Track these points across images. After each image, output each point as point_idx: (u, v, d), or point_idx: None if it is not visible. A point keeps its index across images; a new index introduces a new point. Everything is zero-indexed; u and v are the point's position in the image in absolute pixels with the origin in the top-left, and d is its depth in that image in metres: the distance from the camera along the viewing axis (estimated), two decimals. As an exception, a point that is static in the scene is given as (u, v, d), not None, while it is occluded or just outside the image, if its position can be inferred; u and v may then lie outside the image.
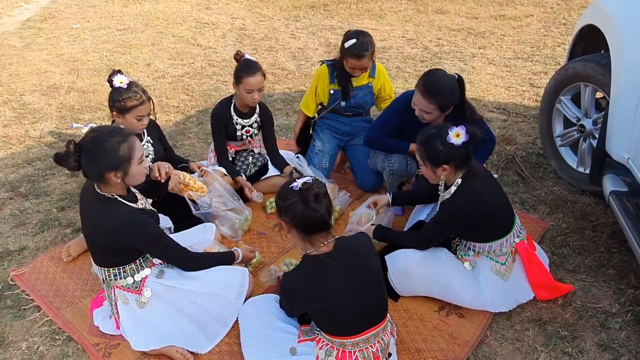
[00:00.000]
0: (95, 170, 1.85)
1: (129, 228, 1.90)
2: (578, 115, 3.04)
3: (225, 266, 2.22)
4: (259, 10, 8.36)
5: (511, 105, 4.47)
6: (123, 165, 1.86)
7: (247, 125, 3.07)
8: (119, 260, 2.01)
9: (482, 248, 2.20)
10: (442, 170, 2.08)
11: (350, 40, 2.80)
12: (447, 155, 2.03)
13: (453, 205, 2.10)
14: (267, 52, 6.38)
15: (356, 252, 1.78)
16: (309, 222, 1.70)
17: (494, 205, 2.12)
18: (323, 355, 1.81)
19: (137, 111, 2.44)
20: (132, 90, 2.42)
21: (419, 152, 2.14)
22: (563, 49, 5.94)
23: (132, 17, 7.90)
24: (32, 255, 2.72)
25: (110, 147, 1.82)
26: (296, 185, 1.71)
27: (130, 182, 1.95)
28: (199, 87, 5.30)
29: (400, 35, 6.85)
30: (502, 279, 2.18)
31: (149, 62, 6.04)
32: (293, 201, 1.70)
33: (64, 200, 3.23)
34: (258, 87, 2.84)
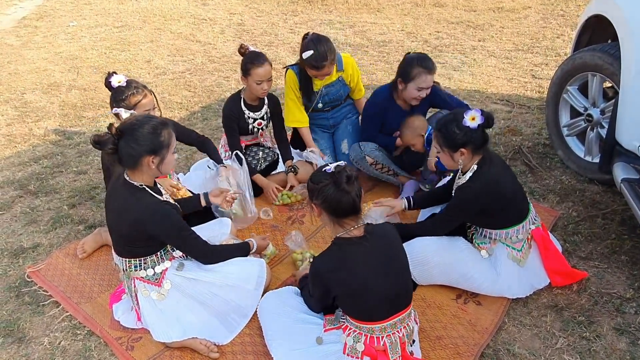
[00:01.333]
0: (134, 152, 1.87)
1: (154, 218, 1.93)
2: (585, 104, 3.07)
3: (242, 258, 2.24)
4: (257, 5, 8.33)
5: (514, 97, 4.50)
6: (161, 151, 1.91)
7: (259, 118, 3.08)
8: (141, 250, 2.03)
9: (499, 235, 2.22)
10: (460, 155, 2.12)
11: (308, 51, 2.75)
12: (464, 139, 2.07)
13: (469, 190, 2.13)
14: (267, 47, 6.38)
15: (385, 237, 1.83)
16: (340, 204, 1.73)
17: (509, 191, 2.15)
18: (351, 342, 1.83)
19: (142, 106, 2.43)
20: (133, 87, 2.42)
21: (437, 139, 2.18)
22: (562, 41, 5.97)
23: (129, 14, 7.86)
24: (46, 252, 2.72)
25: (153, 130, 1.88)
26: (329, 168, 1.76)
27: (163, 169, 1.98)
28: (201, 83, 5.29)
29: (399, 29, 6.86)
30: (518, 265, 2.21)
31: (149, 59, 6.02)
32: (325, 184, 1.74)
33: (74, 197, 3.23)
34: (267, 77, 2.85)
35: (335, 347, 1.86)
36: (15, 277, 2.55)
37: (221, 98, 4.89)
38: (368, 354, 1.79)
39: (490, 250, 2.25)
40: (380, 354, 1.79)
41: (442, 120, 2.14)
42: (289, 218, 2.88)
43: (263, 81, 2.84)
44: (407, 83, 2.84)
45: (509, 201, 2.15)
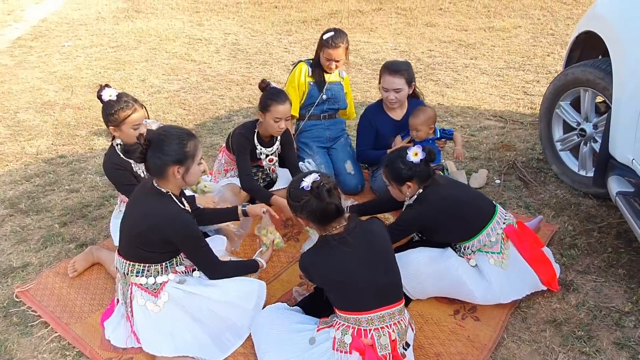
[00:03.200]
0: (160, 161, 1.94)
1: (174, 224, 1.97)
2: (578, 119, 3.09)
3: (244, 278, 2.24)
4: (251, 25, 8.42)
5: (507, 113, 4.53)
6: (187, 161, 1.97)
7: (271, 154, 3.02)
8: (150, 256, 2.04)
9: (473, 246, 2.26)
10: (407, 188, 2.23)
11: (328, 33, 3.11)
12: (409, 173, 2.20)
13: (412, 211, 2.26)
14: (262, 66, 6.42)
15: (369, 231, 1.91)
16: (326, 214, 1.84)
17: (459, 203, 2.23)
18: (340, 336, 1.85)
19: (132, 120, 2.39)
20: (123, 101, 2.40)
21: (385, 174, 2.29)
22: (553, 58, 6.06)
23: (124, 35, 7.91)
24: (36, 272, 2.67)
25: (179, 141, 1.95)
26: (306, 185, 1.82)
27: (188, 180, 2.02)
28: (196, 101, 5.30)
29: (392, 48, 6.93)
30: (502, 268, 2.21)
31: (144, 78, 6.04)
32: (307, 199, 1.82)
33: (66, 215, 3.19)
34: (286, 115, 2.78)
35: (326, 344, 1.87)
36: (4, 298, 2.49)
37: (215, 116, 4.90)
38: (356, 348, 1.81)
39: (473, 262, 2.26)
40: (368, 349, 1.80)
41: (388, 157, 2.29)
42: (284, 235, 2.84)
43: (281, 119, 2.78)
44: (379, 85, 3.10)
45: (464, 209, 2.22)
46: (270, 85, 2.83)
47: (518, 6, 8.65)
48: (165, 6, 9.74)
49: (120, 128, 2.41)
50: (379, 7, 9.11)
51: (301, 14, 8.91)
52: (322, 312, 2.03)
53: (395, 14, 8.72)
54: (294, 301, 2.29)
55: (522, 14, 8.30)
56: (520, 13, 8.33)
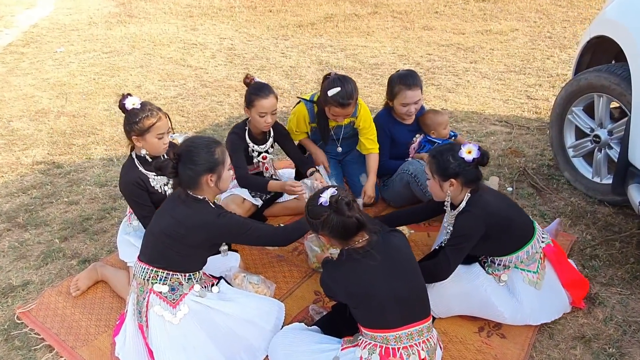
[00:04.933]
0: (193, 173, 1.96)
1: (218, 222, 1.99)
2: (591, 125, 3.04)
3: (263, 296, 2.20)
4: (247, 30, 8.33)
5: (512, 118, 4.48)
6: (217, 168, 2.00)
7: (264, 152, 2.97)
8: (179, 260, 2.01)
9: (510, 261, 2.16)
10: (449, 185, 2.08)
11: (334, 88, 2.66)
12: (457, 169, 2.05)
13: (470, 215, 2.07)
14: (260, 71, 6.33)
15: (392, 245, 1.84)
16: (347, 229, 1.78)
17: (509, 212, 2.13)
18: (366, 355, 1.77)
19: (157, 129, 2.32)
20: (147, 109, 2.32)
21: (429, 165, 2.15)
22: (553, 62, 6.03)
23: (117, 40, 7.77)
24: (37, 290, 2.55)
25: (207, 150, 1.98)
26: (325, 201, 1.76)
27: (222, 186, 2.04)
28: (194, 108, 5.19)
29: (391, 52, 6.88)
30: (535, 288, 2.12)
31: (139, 84, 5.91)
32: (326, 216, 1.76)
33: (66, 229, 3.07)
34: (271, 109, 2.74)
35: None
36: (4, 319, 2.37)
37: (215, 123, 4.80)
38: None
39: (505, 277, 2.16)
40: None
41: (439, 148, 2.16)
42: (295, 249, 2.76)
43: (267, 114, 2.74)
44: (393, 101, 2.95)
45: (510, 222, 2.11)
46: (255, 80, 2.78)
47: (514, 9, 8.64)
48: (158, 10, 9.61)
49: (144, 137, 2.32)
50: (374, 11, 9.05)
51: (297, 18, 8.83)
52: (342, 332, 1.94)
53: (391, 18, 8.67)
54: (310, 320, 2.20)
55: (518, 17, 8.28)
56: (516, 16, 8.32)
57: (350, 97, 2.68)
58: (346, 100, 2.67)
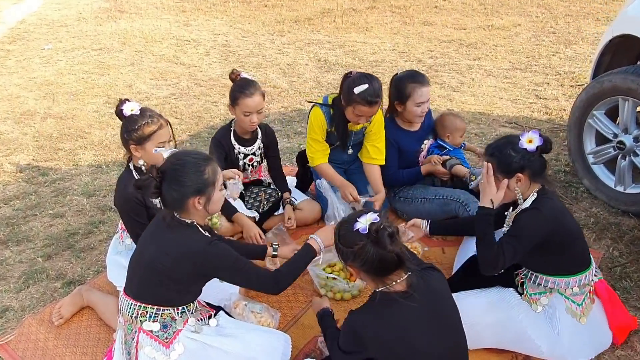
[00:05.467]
0: (178, 195, 1.72)
1: (207, 252, 1.74)
2: (615, 130, 2.84)
3: (267, 329, 1.98)
4: (241, 25, 8.07)
5: (522, 119, 4.28)
6: (207, 189, 1.75)
7: (250, 154, 2.77)
8: (169, 296, 1.77)
9: (557, 284, 1.95)
10: (517, 181, 1.89)
11: (361, 85, 2.45)
12: (521, 162, 1.86)
13: (536, 213, 1.86)
14: (256, 69, 6.09)
15: (433, 289, 1.59)
16: (385, 264, 1.52)
17: (576, 227, 1.94)
18: None
19: (158, 137, 2.12)
20: (147, 115, 2.13)
21: (489, 165, 1.92)
22: (559, 58, 5.84)
23: (107, 36, 7.50)
24: (17, 318, 2.33)
25: (195, 169, 1.73)
26: (363, 228, 1.48)
27: (212, 209, 1.80)
28: (187, 108, 4.96)
29: (391, 48, 6.65)
30: (578, 322, 1.93)
31: (130, 84, 5.67)
32: (362, 245, 1.49)
33: (50, 246, 2.84)
34: (257, 109, 2.56)
35: None
36: (-20, 351, 2.16)
37: (210, 125, 4.57)
38: None
39: (545, 300, 1.96)
40: None
41: (495, 144, 1.95)
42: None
43: (252, 113, 2.56)
44: (405, 103, 2.72)
45: (572, 239, 1.91)
46: (241, 76, 2.58)
47: (515, 3, 8.43)
48: (150, 5, 9.31)
49: (143, 146, 2.13)
50: (372, 5, 8.81)
51: (293, 13, 8.58)
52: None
53: (390, 12, 8.43)
54: (319, 354, 2.00)
55: (520, 11, 8.08)
56: (518, 10, 8.11)
57: (378, 94, 2.49)
58: (374, 97, 2.46)
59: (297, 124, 4.47)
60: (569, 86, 4.94)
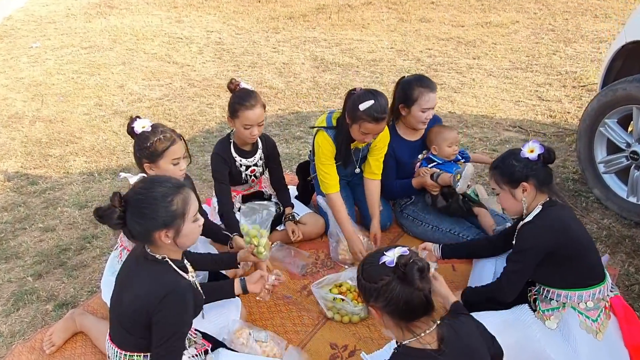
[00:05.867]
0: (142, 228, 1.55)
1: (163, 299, 1.52)
2: (628, 140, 2.75)
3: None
4: (235, 22, 7.90)
5: (526, 123, 4.18)
6: (175, 222, 1.56)
7: (252, 165, 2.66)
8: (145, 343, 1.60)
9: (570, 297, 1.87)
10: (522, 191, 1.89)
11: (367, 101, 2.32)
12: (524, 171, 1.88)
13: (534, 226, 1.87)
14: (251, 68, 5.94)
15: (466, 345, 1.42)
16: (412, 306, 1.33)
17: (586, 238, 1.87)
18: None
19: (171, 153, 2.06)
20: (159, 131, 2.07)
21: (494, 178, 1.96)
22: (560, 57, 5.74)
23: (97, 34, 7.30)
24: (6, 345, 2.19)
25: (162, 199, 1.54)
26: (390, 261, 1.33)
27: (182, 243, 1.61)
28: (182, 111, 4.81)
29: (388, 47, 6.53)
30: (594, 338, 1.85)
31: (122, 84, 5.50)
32: (387, 281, 1.33)
33: (41, 264, 2.71)
34: (257, 121, 2.45)
35: None
36: (-33, 383, 2.03)
37: (205, 129, 4.43)
38: None
39: (559, 316, 1.88)
40: None
41: (498, 158, 1.99)
42: (303, 287, 2.43)
43: (253, 126, 2.45)
44: (410, 107, 2.61)
45: (581, 250, 1.85)
46: (240, 86, 2.47)
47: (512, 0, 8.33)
48: (140, 1, 9.10)
49: (157, 164, 2.07)
50: (368, 1, 8.66)
51: (287, 9, 8.42)
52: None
53: (386, 9, 8.30)
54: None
55: (518, 7, 7.98)
56: (516, 7, 8.01)
57: (385, 110, 2.36)
58: (380, 114, 2.34)
59: (296, 128, 4.34)
60: (572, 87, 4.85)
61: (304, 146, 4.02)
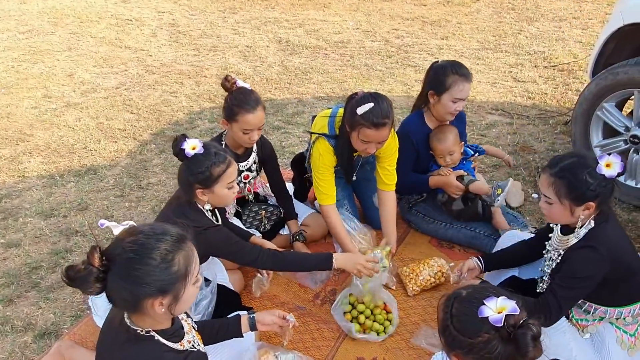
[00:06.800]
0: (131, 296, 1.20)
1: None
2: (627, 123, 2.73)
3: None
4: (187, 2, 7.41)
5: (508, 106, 4.15)
6: (175, 286, 1.23)
7: (245, 170, 2.42)
8: None
9: (609, 313, 1.78)
10: (584, 210, 1.65)
11: (366, 105, 2.05)
12: (597, 190, 1.61)
13: (594, 253, 1.65)
14: (212, 52, 5.58)
15: None
16: None
17: (633, 257, 1.73)
18: None
19: (227, 177, 1.84)
20: (213, 153, 1.81)
21: (554, 188, 1.66)
22: (525, 37, 5.78)
23: (35, 16, 6.62)
24: (-18, 390, 1.89)
25: (162, 260, 1.20)
26: (496, 319, 1.11)
27: (178, 310, 1.29)
28: (143, 101, 4.43)
29: (354, 27, 6.33)
30: (628, 354, 1.79)
31: (71, 72, 5.00)
32: (486, 339, 1.13)
33: (9, 286, 2.36)
34: (258, 125, 2.22)
35: None
36: None
37: (173, 120, 4.09)
38: None
39: (594, 329, 1.81)
40: None
41: (564, 164, 1.66)
42: (316, 296, 2.26)
43: (252, 130, 2.21)
44: (441, 94, 2.36)
45: (632, 271, 1.72)
46: (237, 85, 2.21)
47: (470, -23, 8.32)
48: (79, -22, 8.34)
49: (212, 189, 1.83)
50: (326, -21, 8.38)
51: (242, -13, 7.99)
52: None
53: (346, -13, 8.05)
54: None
55: (476, -14, 7.97)
56: (474, -15, 8.00)
57: (386, 115, 2.08)
58: (381, 119, 2.06)
59: (273, 117, 4.10)
60: (544, 67, 4.88)
61: (285, 137, 3.79)
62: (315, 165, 2.30)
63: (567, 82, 4.51)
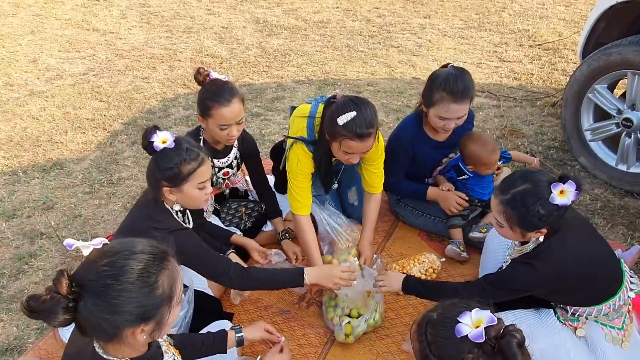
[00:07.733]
0: (108, 325, 1.05)
1: None
2: (619, 106, 2.64)
3: None
4: (158, -20, 7.05)
5: (494, 87, 4.03)
6: (159, 311, 1.09)
7: (225, 167, 2.26)
8: None
9: (588, 312, 1.71)
10: (535, 234, 1.61)
11: (347, 113, 1.82)
12: (548, 220, 1.55)
13: (533, 271, 1.61)
14: (186, 34, 5.32)
15: None
16: None
17: (591, 267, 1.64)
18: None
19: (199, 176, 1.66)
20: (184, 149, 1.63)
21: (504, 215, 1.60)
22: (509, 15, 5.64)
23: (-7, -3, 6.22)
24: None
25: (142, 285, 1.05)
26: (475, 335, 1.02)
27: (160, 336, 1.15)
28: (113, 88, 4.19)
29: (334, 6, 6.11)
30: (621, 348, 1.72)
31: (34, 58, 4.71)
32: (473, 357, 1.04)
33: (-33, 297, 2.18)
34: (236, 119, 2.02)
35: None
36: None
37: (146, 109, 3.88)
38: None
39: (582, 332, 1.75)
40: None
41: (515, 192, 1.56)
42: (301, 298, 2.13)
43: (230, 125, 2.02)
44: (429, 108, 2.18)
45: (589, 280, 1.64)
46: (210, 77, 2.03)
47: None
48: (42, -44, 7.89)
49: (180, 188, 1.65)
50: (303, -45, 8.07)
51: (216, -35, 7.64)
52: None
53: (323, -36, 7.77)
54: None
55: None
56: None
57: (371, 124, 1.86)
58: (365, 129, 1.84)
59: (252, 103, 3.91)
60: (529, 46, 4.76)
61: (265, 124, 3.62)
62: (292, 170, 2.09)
63: (552, 62, 4.40)
